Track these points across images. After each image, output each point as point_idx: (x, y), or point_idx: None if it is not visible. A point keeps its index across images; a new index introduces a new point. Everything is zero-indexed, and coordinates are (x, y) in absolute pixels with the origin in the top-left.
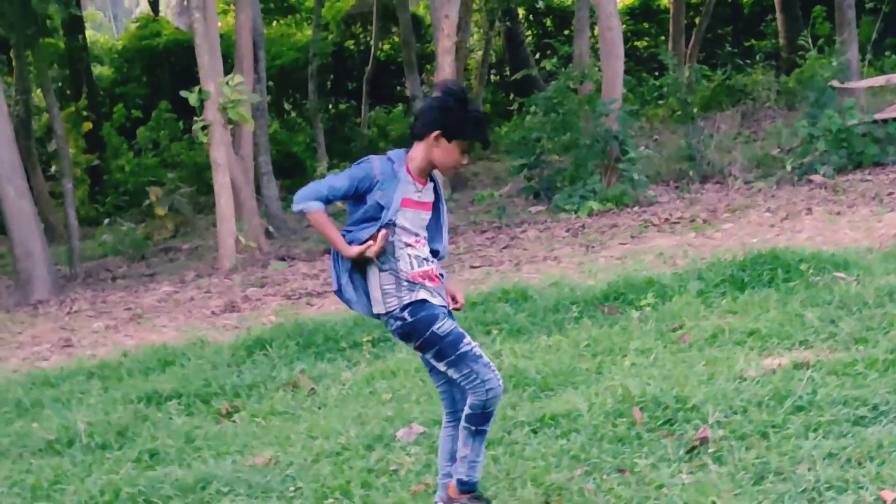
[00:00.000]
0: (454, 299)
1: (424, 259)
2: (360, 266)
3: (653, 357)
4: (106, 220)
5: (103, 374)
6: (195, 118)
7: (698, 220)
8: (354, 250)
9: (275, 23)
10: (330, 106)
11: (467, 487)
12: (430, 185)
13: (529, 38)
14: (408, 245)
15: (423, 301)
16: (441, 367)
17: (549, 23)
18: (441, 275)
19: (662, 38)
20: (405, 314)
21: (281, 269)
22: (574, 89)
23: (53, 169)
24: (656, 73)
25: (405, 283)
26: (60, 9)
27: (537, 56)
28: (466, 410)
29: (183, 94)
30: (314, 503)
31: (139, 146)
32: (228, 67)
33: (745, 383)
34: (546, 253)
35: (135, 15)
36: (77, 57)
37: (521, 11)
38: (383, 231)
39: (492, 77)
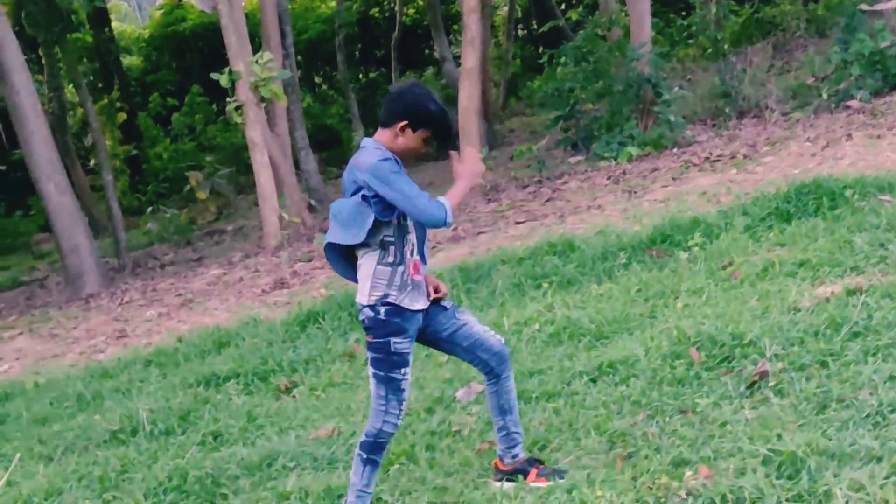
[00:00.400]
0: (436, 289)
1: (413, 244)
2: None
3: (705, 296)
4: (149, 209)
5: (160, 361)
6: (228, 99)
7: (738, 156)
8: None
9: None
10: (360, 75)
11: None
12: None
13: None
14: (410, 233)
15: (403, 310)
16: (370, 372)
17: None
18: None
19: None
20: (381, 310)
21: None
22: (602, 36)
23: (92, 162)
24: (683, 14)
25: (397, 281)
26: (85, 3)
27: (563, 7)
28: (361, 437)
29: (214, 76)
30: (381, 471)
31: (175, 132)
32: (256, 46)
33: (799, 314)
34: (589, 202)
35: (159, 2)
36: (105, 49)
37: None
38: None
39: (519, 32)
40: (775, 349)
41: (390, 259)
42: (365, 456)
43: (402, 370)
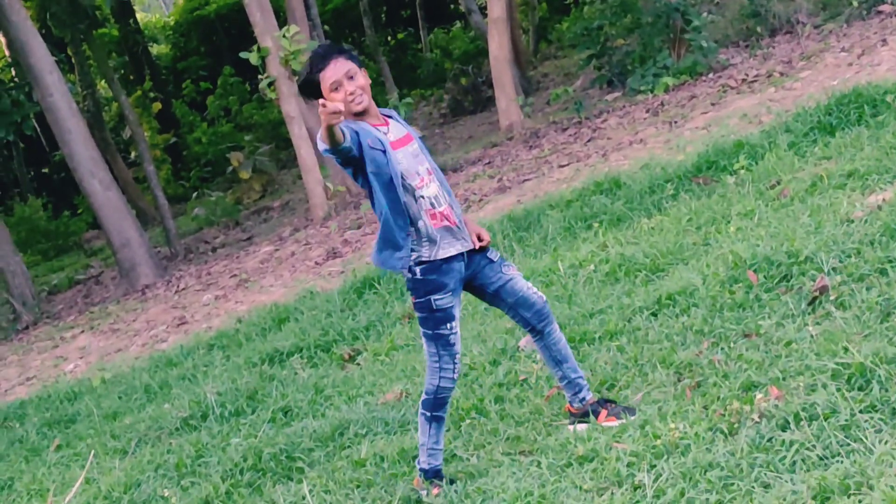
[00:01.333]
0: (479, 237)
1: (435, 197)
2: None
3: (756, 218)
4: (194, 194)
5: (222, 344)
6: (260, 77)
7: (775, 74)
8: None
9: None
10: (389, 38)
11: (429, 475)
12: (392, 122)
13: None
14: (417, 189)
15: (438, 265)
16: (420, 331)
17: None
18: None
19: None
20: (417, 270)
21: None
22: None
23: (133, 155)
24: None
25: (424, 237)
26: None
27: None
28: (422, 396)
29: (243, 55)
30: (453, 427)
31: (211, 115)
32: (282, 21)
33: (853, 225)
34: (630, 137)
35: None
36: (133, 41)
37: None
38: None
39: None
40: (832, 263)
41: (401, 221)
42: (429, 414)
43: (448, 325)
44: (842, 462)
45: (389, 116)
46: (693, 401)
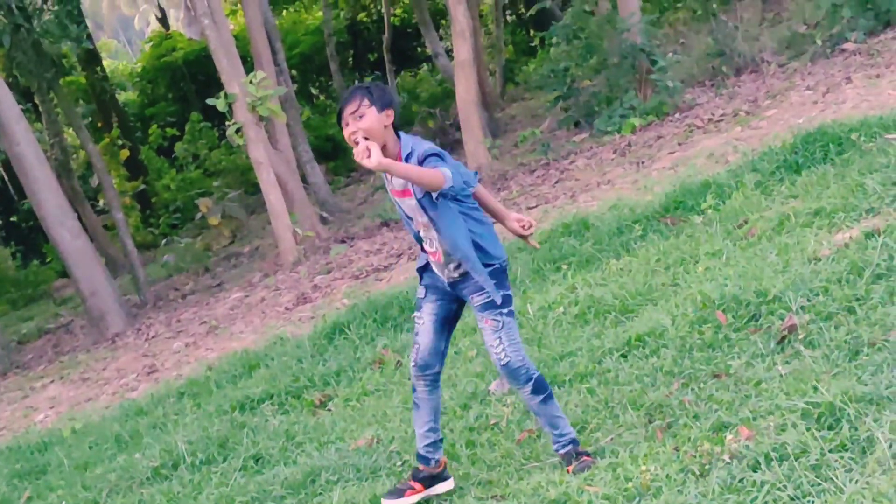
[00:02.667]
0: (523, 226)
1: (430, 241)
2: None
3: (724, 258)
4: (163, 241)
5: (193, 392)
6: (227, 122)
7: (741, 113)
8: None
9: (285, 12)
10: (356, 81)
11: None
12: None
13: None
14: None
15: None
16: None
17: None
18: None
19: None
20: None
21: (343, 251)
22: (591, 12)
23: (101, 202)
24: None
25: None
26: (73, 46)
27: None
28: None
29: (210, 101)
30: None
31: (180, 162)
32: (249, 66)
33: (820, 263)
34: (598, 178)
35: (147, 35)
36: (100, 89)
37: None
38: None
39: (508, 18)
40: (801, 301)
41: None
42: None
43: (416, 312)
44: (813, 502)
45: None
46: (664, 442)
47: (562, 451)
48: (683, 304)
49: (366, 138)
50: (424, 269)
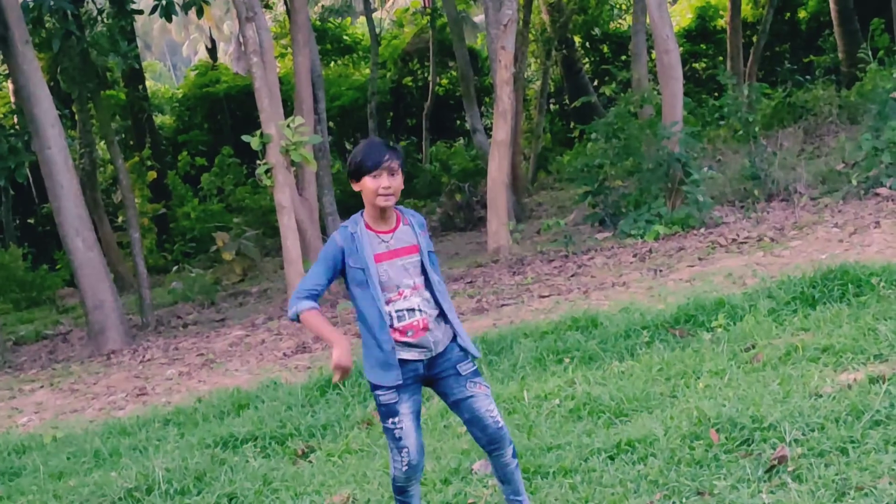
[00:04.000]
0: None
1: (409, 310)
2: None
3: (727, 378)
4: (174, 268)
5: (179, 421)
6: (258, 162)
7: (765, 238)
8: (336, 363)
9: (332, 63)
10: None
11: None
12: (405, 227)
13: (587, 65)
14: (388, 303)
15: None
16: None
17: (606, 49)
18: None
19: (720, 58)
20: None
21: (349, 307)
22: (634, 114)
23: (120, 219)
24: (716, 94)
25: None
26: (120, 61)
27: (595, 83)
28: None
29: (245, 138)
30: None
31: (204, 192)
32: (289, 110)
33: (821, 400)
34: (614, 279)
35: (193, 63)
36: (139, 107)
37: (577, 39)
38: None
39: (551, 106)
40: (795, 434)
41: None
42: (396, 497)
43: (391, 420)
44: None
45: (410, 223)
46: None
47: None
48: (678, 417)
49: (392, 194)
50: (386, 369)
